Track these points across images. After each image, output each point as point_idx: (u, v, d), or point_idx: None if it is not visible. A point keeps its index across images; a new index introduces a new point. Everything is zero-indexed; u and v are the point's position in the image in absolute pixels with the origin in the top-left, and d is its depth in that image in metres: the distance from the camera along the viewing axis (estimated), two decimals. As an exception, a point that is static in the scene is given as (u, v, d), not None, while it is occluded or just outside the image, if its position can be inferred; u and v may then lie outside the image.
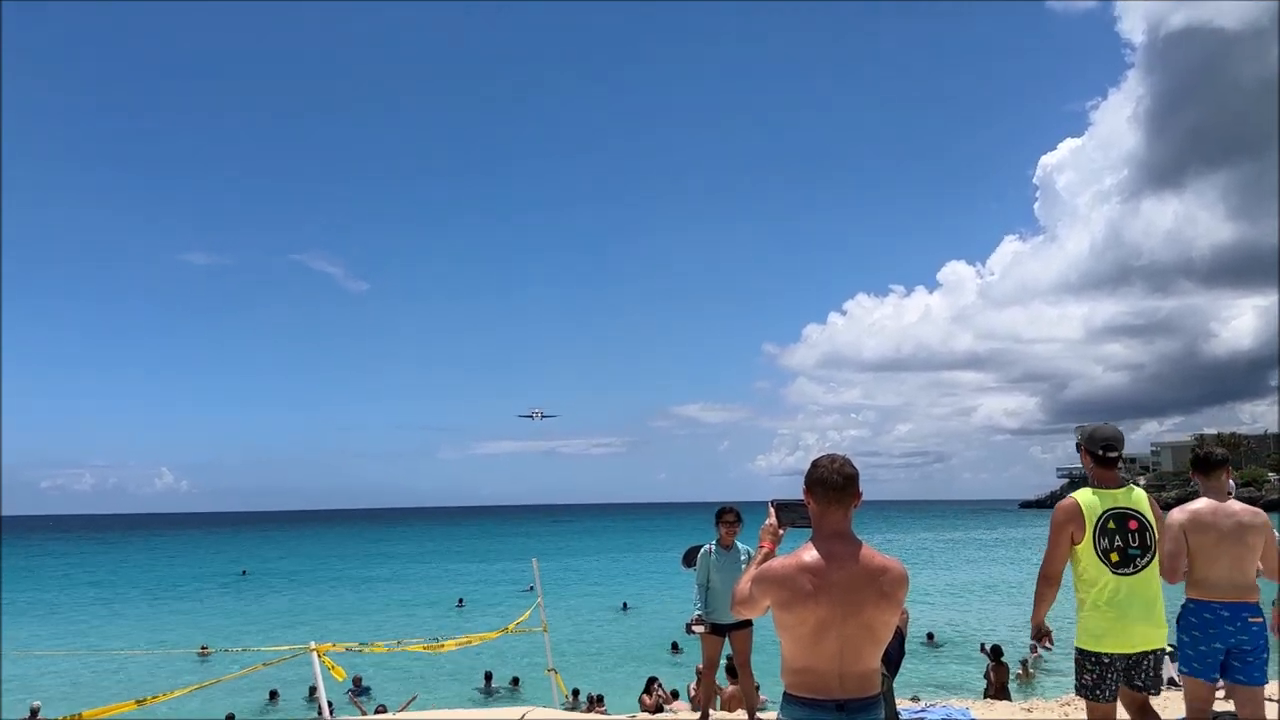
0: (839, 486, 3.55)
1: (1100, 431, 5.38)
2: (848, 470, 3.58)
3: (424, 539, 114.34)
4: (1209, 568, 5.55)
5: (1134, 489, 5.35)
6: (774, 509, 3.91)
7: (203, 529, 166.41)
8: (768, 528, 3.90)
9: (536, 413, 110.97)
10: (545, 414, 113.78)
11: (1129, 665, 5.19)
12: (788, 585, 3.46)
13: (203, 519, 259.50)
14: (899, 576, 3.54)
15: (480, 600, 43.52)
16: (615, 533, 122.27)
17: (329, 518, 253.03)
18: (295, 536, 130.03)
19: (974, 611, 35.12)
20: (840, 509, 3.56)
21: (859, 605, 3.44)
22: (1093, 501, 5.23)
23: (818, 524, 3.60)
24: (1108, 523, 5.16)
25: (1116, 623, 5.13)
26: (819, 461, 3.63)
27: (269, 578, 60.43)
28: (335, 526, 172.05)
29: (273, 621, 37.87)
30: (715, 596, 8.70)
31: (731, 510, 8.95)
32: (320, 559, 79.69)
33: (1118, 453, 5.32)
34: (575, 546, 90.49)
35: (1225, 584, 5.53)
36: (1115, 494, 5.26)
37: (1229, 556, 5.53)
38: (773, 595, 3.50)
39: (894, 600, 3.52)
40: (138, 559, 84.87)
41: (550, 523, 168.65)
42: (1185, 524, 5.58)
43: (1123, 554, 5.14)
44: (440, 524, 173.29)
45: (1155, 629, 5.20)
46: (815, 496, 3.59)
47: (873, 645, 3.50)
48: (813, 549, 3.52)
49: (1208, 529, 5.56)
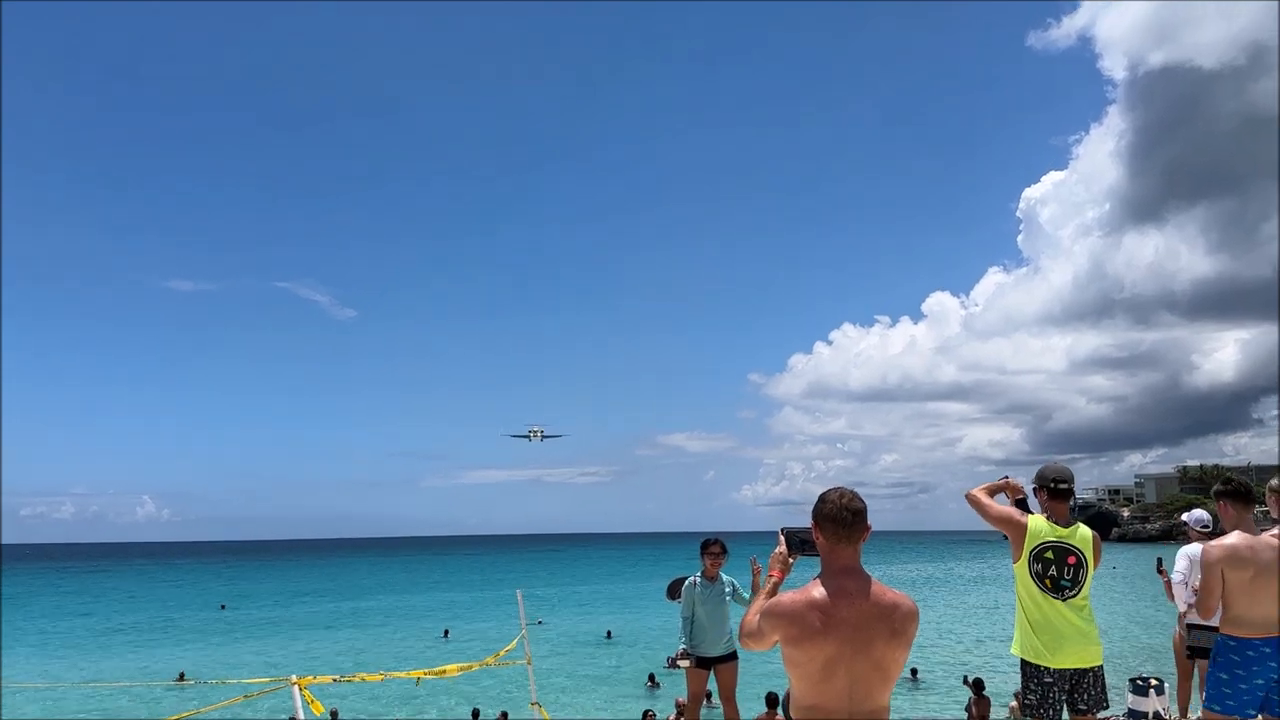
0: (847, 523, 3.51)
1: (1051, 467, 5.76)
2: (856, 505, 3.54)
3: (409, 569, 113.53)
4: (1248, 604, 5.51)
5: (1080, 527, 5.66)
6: (784, 537, 3.87)
7: (184, 559, 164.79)
8: (777, 556, 3.87)
9: (535, 432, 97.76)
10: (546, 434, 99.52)
11: (1072, 686, 5.48)
12: (797, 622, 3.42)
13: (184, 548, 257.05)
14: (909, 613, 3.50)
15: (466, 631, 43.18)
16: (600, 562, 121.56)
17: (313, 547, 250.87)
18: (278, 566, 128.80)
19: (957, 644, 35.02)
20: (849, 545, 3.52)
21: (869, 642, 3.40)
22: (1040, 528, 5.61)
23: (827, 559, 3.56)
24: (1045, 551, 5.56)
25: (1054, 640, 5.48)
26: (827, 496, 3.58)
27: (250, 609, 59.79)
28: (319, 556, 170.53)
29: (253, 653, 37.42)
30: (700, 629, 8.65)
31: (717, 542, 8.92)
32: (303, 589, 78.93)
33: (1068, 485, 5.68)
34: (560, 576, 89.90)
35: (1264, 620, 5.49)
36: (1061, 530, 5.61)
37: (1267, 591, 5.48)
38: (781, 631, 3.47)
39: (905, 637, 3.48)
40: (118, 590, 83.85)
41: (536, 552, 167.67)
42: (1223, 560, 5.56)
43: (1055, 582, 5.52)
44: (425, 553, 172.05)
45: (1092, 646, 5.53)
46: (824, 532, 3.55)
47: (883, 683, 3.46)
48: (821, 585, 3.48)
49: (1246, 564, 5.51)
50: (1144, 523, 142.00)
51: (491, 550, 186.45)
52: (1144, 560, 77.42)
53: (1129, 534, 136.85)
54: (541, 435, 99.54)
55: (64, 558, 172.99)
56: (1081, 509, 6.71)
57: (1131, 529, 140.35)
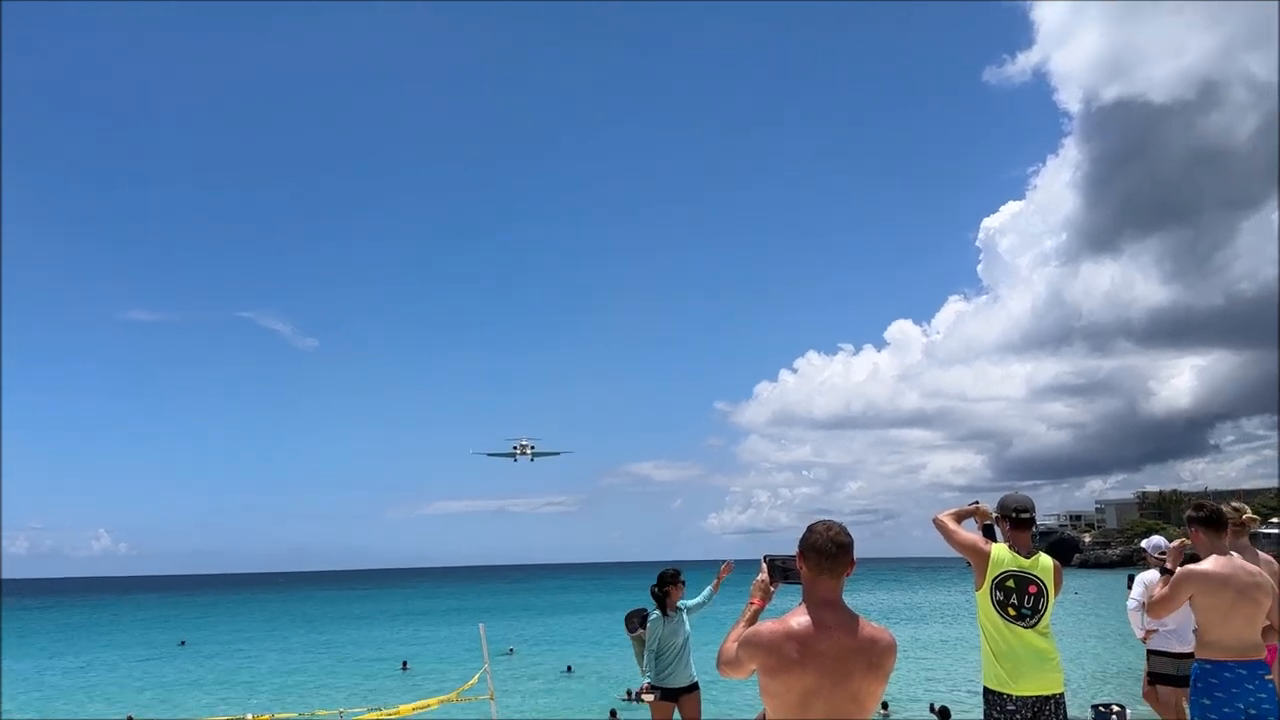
0: (832, 555, 3.52)
1: (1013, 498, 5.87)
2: (842, 539, 3.55)
3: (370, 601, 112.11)
4: (1222, 628, 5.60)
5: (1042, 557, 5.74)
6: (766, 565, 3.87)
7: (142, 593, 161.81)
8: (759, 584, 3.87)
9: (523, 448, 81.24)
10: (537, 451, 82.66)
11: (1034, 713, 5.53)
12: (775, 652, 3.42)
13: (143, 582, 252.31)
14: (888, 647, 3.51)
15: (426, 664, 42.64)
16: (564, 593, 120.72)
17: (274, 580, 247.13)
18: (238, 600, 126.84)
19: (924, 673, 35.05)
20: (832, 577, 3.53)
21: (846, 675, 3.40)
22: (1003, 557, 5.68)
23: (808, 590, 3.56)
24: (1007, 580, 5.63)
25: (1016, 668, 5.53)
26: (814, 527, 3.59)
27: (209, 644, 58.74)
28: (280, 589, 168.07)
29: (211, 690, 36.72)
30: (667, 661, 8.62)
31: (675, 573, 8.95)
32: (263, 624, 77.70)
33: (1030, 515, 5.78)
34: (524, 607, 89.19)
35: (1238, 643, 5.58)
36: (1023, 560, 5.69)
37: (1241, 616, 5.58)
38: (759, 661, 3.46)
39: (882, 670, 3.49)
40: (71, 626, 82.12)
41: (500, 583, 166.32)
42: (1196, 583, 5.65)
43: (1017, 611, 5.60)
44: (387, 586, 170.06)
45: (1053, 673, 5.60)
46: (808, 563, 3.55)
47: (859, 716, 3.46)
48: (802, 615, 3.48)
49: (1221, 589, 5.59)
50: (1105, 548, 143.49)
51: (455, 582, 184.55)
52: (1105, 585, 78.35)
53: (1090, 560, 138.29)
54: (532, 453, 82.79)
55: (18, 593, 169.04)
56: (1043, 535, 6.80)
57: (1093, 555, 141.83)
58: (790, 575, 3.74)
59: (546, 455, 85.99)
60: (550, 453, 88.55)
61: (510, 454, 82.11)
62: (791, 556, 3.67)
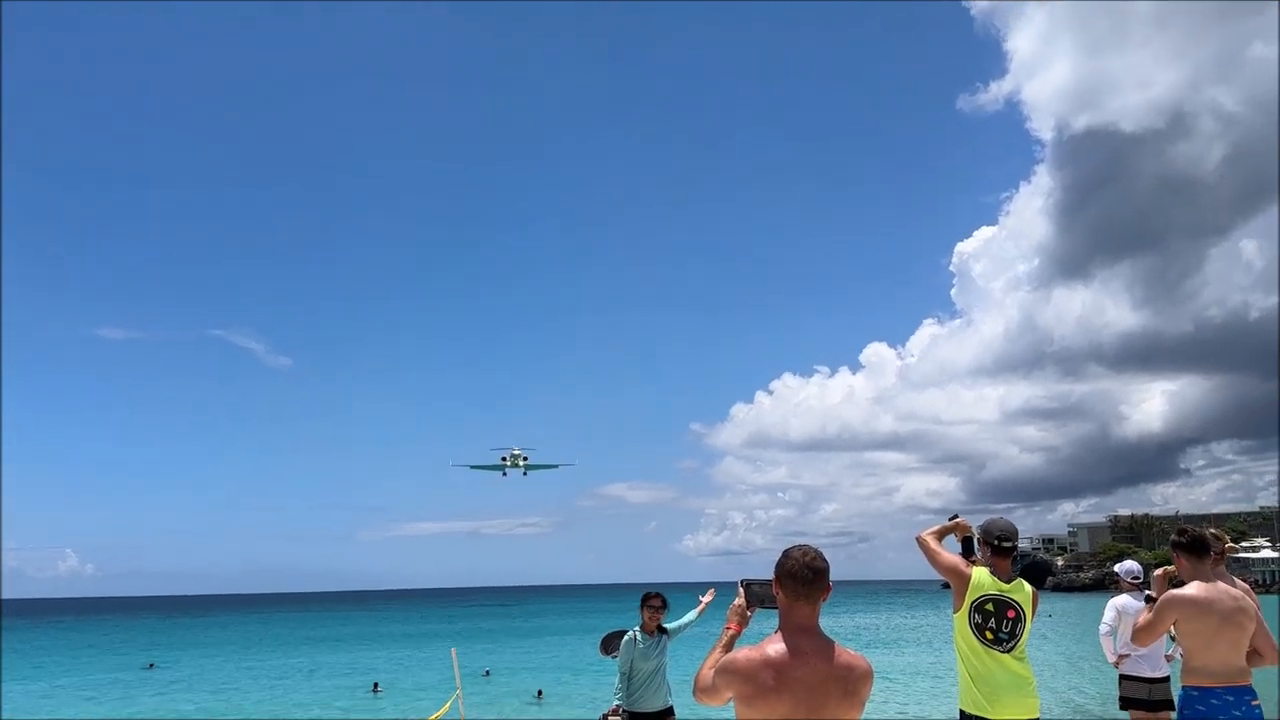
0: (808, 580, 3.51)
1: (996, 524, 5.88)
2: (818, 565, 3.53)
3: (342, 623, 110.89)
4: (1207, 653, 5.62)
5: (1024, 584, 5.78)
6: (743, 589, 3.85)
7: (110, 614, 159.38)
8: (735, 608, 3.85)
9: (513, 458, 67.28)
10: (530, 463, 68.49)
11: None
12: (751, 680, 3.40)
13: (110, 603, 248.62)
14: (864, 674, 3.50)
15: (398, 686, 42.17)
16: (537, 615, 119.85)
17: (244, 602, 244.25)
18: (208, 622, 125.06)
19: (899, 696, 35.01)
20: (808, 603, 3.52)
21: (822, 703, 3.39)
22: (983, 581, 5.74)
23: (785, 616, 3.55)
24: (986, 604, 5.69)
25: (992, 691, 5.59)
26: (790, 553, 3.57)
27: (178, 666, 57.87)
28: (250, 611, 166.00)
29: (180, 713, 36.17)
30: (639, 685, 8.55)
31: (657, 595, 8.87)
32: (233, 646, 76.68)
33: (1012, 544, 5.82)
34: (497, 630, 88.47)
35: (1224, 669, 5.59)
36: (1003, 585, 5.75)
37: (1226, 641, 5.59)
38: (735, 689, 3.45)
39: (858, 698, 3.48)
40: (35, 648, 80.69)
41: (473, 606, 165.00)
42: (1180, 609, 5.67)
43: (995, 634, 5.67)
44: (360, 608, 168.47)
45: (1029, 698, 5.67)
46: (784, 589, 3.54)
47: None
48: (778, 642, 3.47)
49: (1206, 615, 5.61)
50: (1078, 571, 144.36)
51: (428, 604, 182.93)
52: (1078, 609, 78.70)
53: (1063, 583, 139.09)
54: (524, 465, 68.61)
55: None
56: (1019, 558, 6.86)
57: (1066, 578, 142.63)
58: (767, 601, 3.72)
59: (541, 468, 71.44)
60: (546, 465, 73.10)
61: (498, 466, 68.50)
62: (769, 581, 3.65)
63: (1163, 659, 9.03)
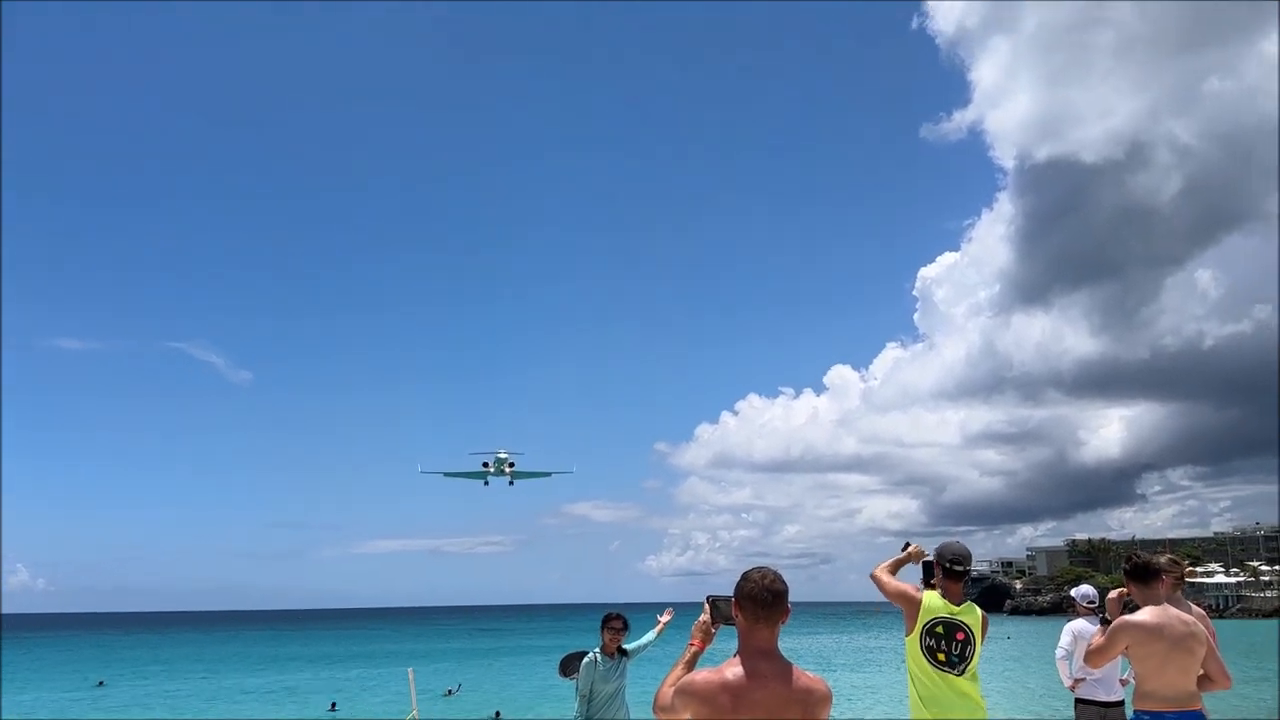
0: (767, 603, 3.52)
1: (950, 547, 5.94)
2: (777, 587, 3.55)
3: (298, 642, 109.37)
4: (1158, 677, 5.70)
5: (975, 608, 5.85)
6: (709, 606, 3.86)
7: (60, 630, 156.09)
8: (700, 625, 3.86)
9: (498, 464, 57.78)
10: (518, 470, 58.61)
11: None
12: (709, 703, 3.41)
13: (61, 619, 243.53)
14: (823, 698, 3.51)
15: (356, 706, 41.66)
16: (497, 636, 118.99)
17: (199, 619, 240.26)
18: (161, 639, 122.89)
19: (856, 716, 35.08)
20: (767, 626, 3.53)
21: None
22: (934, 605, 5.80)
23: (744, 639, 3.56)
24: (936, 627, 5.75)
25: (944, 713, 5.67)
26: (750, 575, 3.59)
27: (128, 684, 56.80)
28: (205, 629, 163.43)
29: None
30: (598, 706, 8.52)
31: (619, 617, 8.83)
32: (187, 663, 75.41)
33: (964, 567, 5.88)
34: (457, 650, 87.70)
35: (1175, 693, 5.68)
36: (954, 608, 5.81)
37: (1176, 666, 5.68)
38: (692, 711, 3.45)
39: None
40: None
41: (432, 626, 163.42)
42: (1132, 634, 5.75)
43: (947, 657, 5.73)
44: (317, 626, 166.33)
45: None
46: (743, 611, 3.55)
47: None
48: (736, 665, 3.48)
49: (1157, 639, 5.69)
50: (1036, 595, 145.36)
51: (387, 623, 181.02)
52: (1035, 632, 79.29)
53: (1021, 606, 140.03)
54: (511, 472, 58.29)
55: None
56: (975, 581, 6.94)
57: (1024, 601, 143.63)
58: (732, 619, 3.74)
59: (532, 476, 61.36)
60: (538, 473, 62.50)
61: (479, 474, 58.53)
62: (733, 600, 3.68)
63: (1117, 683, 9.15)
